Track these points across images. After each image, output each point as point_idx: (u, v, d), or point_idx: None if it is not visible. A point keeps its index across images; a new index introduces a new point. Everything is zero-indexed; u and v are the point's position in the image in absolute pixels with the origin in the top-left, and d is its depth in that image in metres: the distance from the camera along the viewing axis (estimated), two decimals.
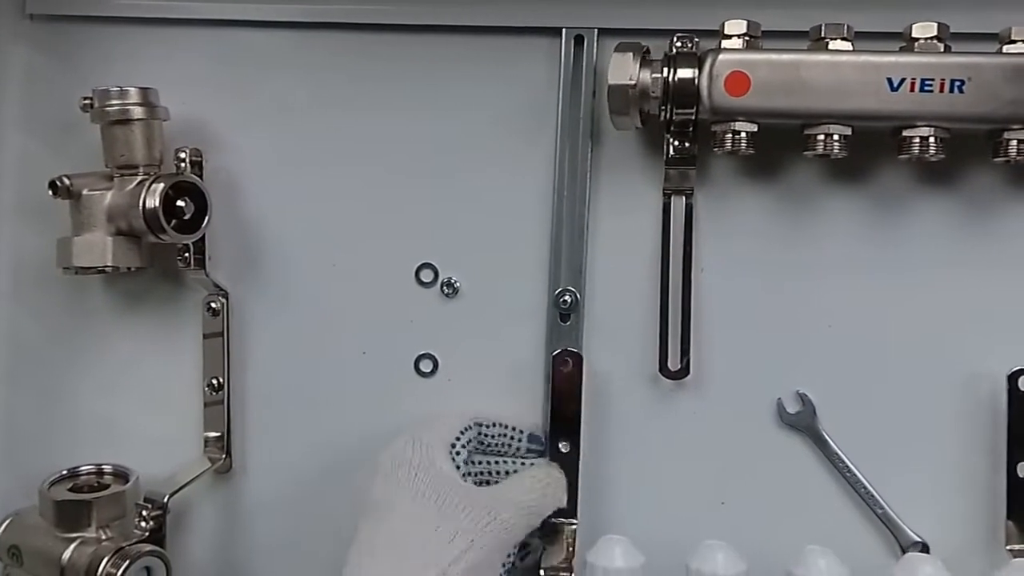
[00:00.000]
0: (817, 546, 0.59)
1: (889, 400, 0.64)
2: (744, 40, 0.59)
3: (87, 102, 0.64)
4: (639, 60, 0.59)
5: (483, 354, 0.67)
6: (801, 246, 0.64)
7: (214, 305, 0.68)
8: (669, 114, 0.60)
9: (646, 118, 0.61)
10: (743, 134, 0.58)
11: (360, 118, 0.67)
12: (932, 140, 0.57)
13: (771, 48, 0.59)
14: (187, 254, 0.65)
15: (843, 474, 0.64)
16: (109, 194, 0.64)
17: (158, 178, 0.62)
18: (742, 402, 0.65)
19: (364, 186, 0.68)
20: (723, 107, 0.58)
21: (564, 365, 0.64)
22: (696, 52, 0.59)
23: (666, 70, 0.59)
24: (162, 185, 0.62)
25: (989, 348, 0.63)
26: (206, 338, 0.68)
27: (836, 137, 0.58)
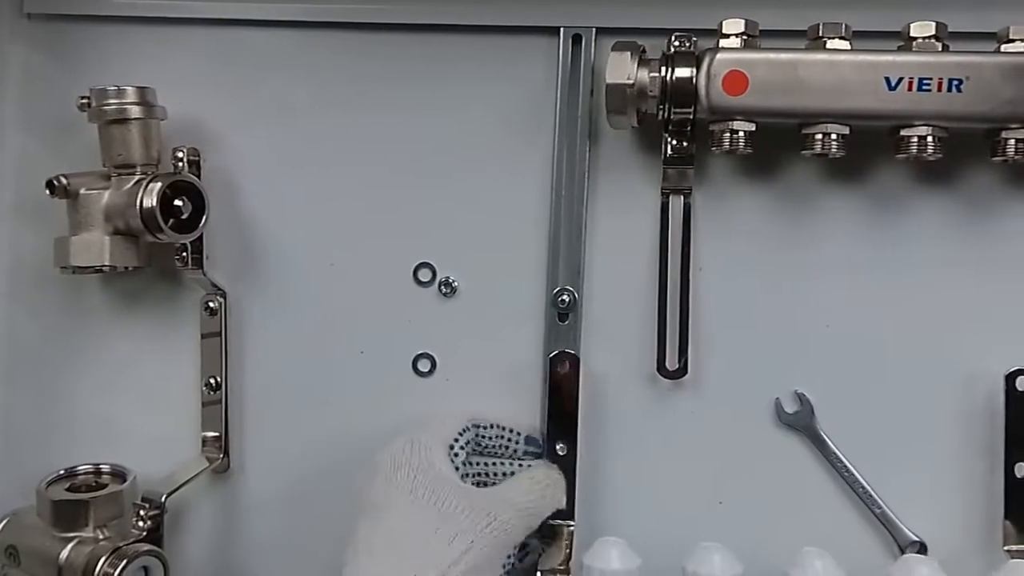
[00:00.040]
0: (814, 548, 0.60)
1: (887, 400, 0.64)
2: (742, 39, 0.59)
3: (84, 101, 0.64)
4: (637, 59, 0.59)
5: (481, 354, 0.67)
6: (799, 246, 0.64)
7: (212, 304, 0.68)
8: (667, 113, 0.60)
9: (643, 117, 0.61)
10: (741, 133, 0.59)
11: (357, 117, 0.67)
12: (930, 139, 0.57)
13: (769, 47, 0.59)
14: (185, 253, 0.65)
15: (841, 474, 0.64)
16: (107, 193, 0.64)
17: (155, 177, 0.62)
18: (740, 402, 0.65)
19: (362, 185, 0.68)
20: (721, 106, 0.58)
21: (561, 366, 0.64)
22: (694, 51, 0.59)
23: (664, 69, 0.59)
24: (159, 184, 0.62)
25: (987, 348, 0.63)
26: (204, 337, 0.68)
27: (834, 136, 0.58)
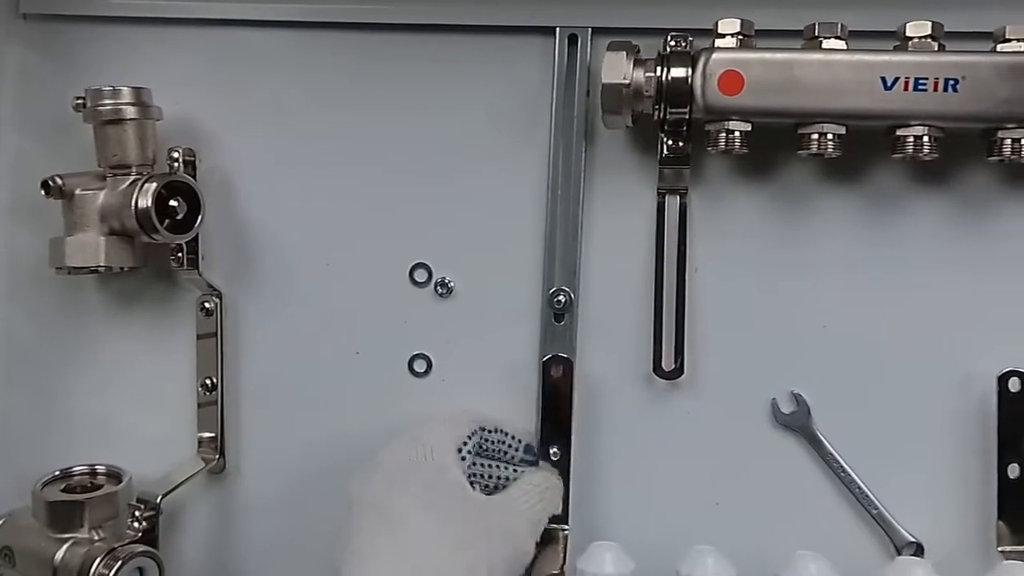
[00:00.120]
0: (807, 551, 0.59)
1: (884, 400, 0.64)
2: (738, 39, 0.59)
3: (80, 102, 0.64)
4: (632, 59, 0.59)
5: (477, 354, 0.67)
6: (795, 246, 0.64)
7: (208, 305, 0.68)
8: (663, 113, 0.60)
9: (639, 117, 0.61)
10: (737, 133, 0.58)
11: (353, 117, 0.67)
12: (926, 139, 0.57)
13: (765, 47, 0.59)
14: (180, 254, 0.65)
15: (838, 474, 0.64)
16: (102, 194, 0.63)
17: (151, 178, 0.62)
18: (736, 402, 0.65)
19: (357, 186, 0.67)
20: (717, 106, 0.58)
21: (554, 370, 0.64)
22: (690, 51, 0.59)
23: (659, 69, 0.59)
24: (155, 185, 0.62)
25: (983, 348, 0.62)
26: (200, 338, 0.68)
27: (830, 136, 0.58)
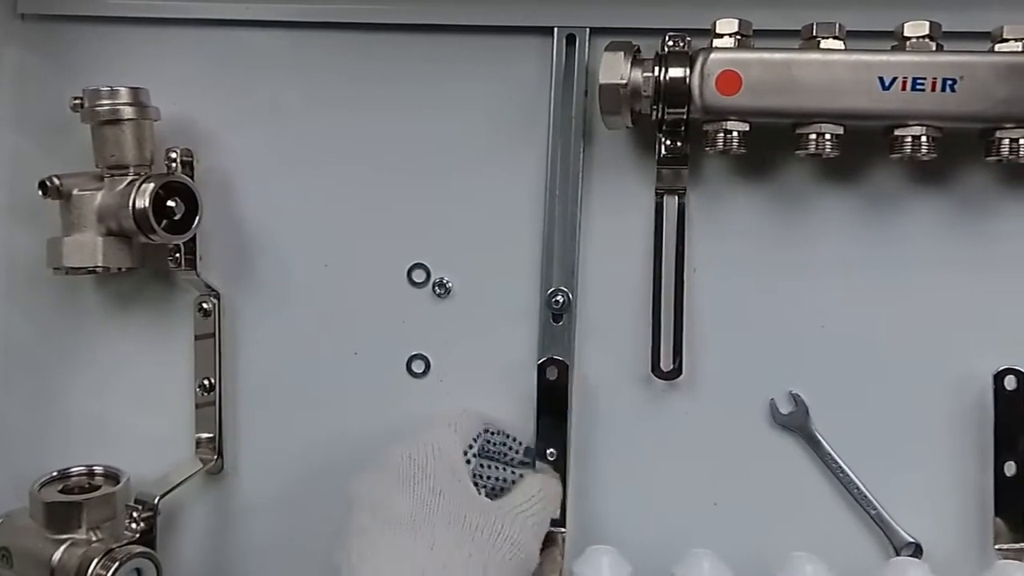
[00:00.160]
0: (803, 552, 0.59)
1: (882, 400, 0.64)
2: (736, 39, 0.59)
3: (77, 102, 0.64)
4: (630, 59, 0.59)
5: (475, 354, 0.67)
6: (794, 246, 0.64)
7: (206, 306, 0.68)
8: (661, 113, 0.59)
9: (637, 117, 0.61)
10: (735, 133, 0.58)
11: (351, 118, 0.67)
12: (924, 139, 0.57)
13: (763, 47, 0.59)
14: (178, 254, 0.65)
15: (836, 475, 0.64)
16: (99, 194, 0.63)
17: (148, 178, 0.62)
18: (735, 402, 0.65)
19: (356, 186, 0.67)
20: (715, 106, 0.58)
21: (551, 372, 0.64)
22: (688, 51, 0.59)
23: (657, 69, 0.59)
24: (152, 185, 0.62)
25: (981, 348, 0.62)
26: (198, 339, 0.68)
27: (828, 136, 0.58)
